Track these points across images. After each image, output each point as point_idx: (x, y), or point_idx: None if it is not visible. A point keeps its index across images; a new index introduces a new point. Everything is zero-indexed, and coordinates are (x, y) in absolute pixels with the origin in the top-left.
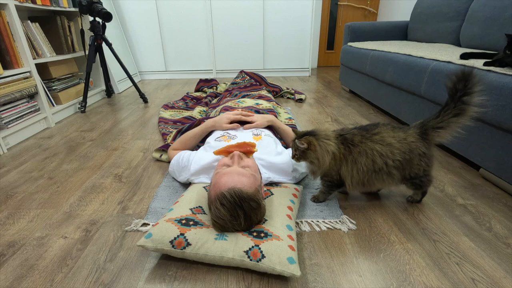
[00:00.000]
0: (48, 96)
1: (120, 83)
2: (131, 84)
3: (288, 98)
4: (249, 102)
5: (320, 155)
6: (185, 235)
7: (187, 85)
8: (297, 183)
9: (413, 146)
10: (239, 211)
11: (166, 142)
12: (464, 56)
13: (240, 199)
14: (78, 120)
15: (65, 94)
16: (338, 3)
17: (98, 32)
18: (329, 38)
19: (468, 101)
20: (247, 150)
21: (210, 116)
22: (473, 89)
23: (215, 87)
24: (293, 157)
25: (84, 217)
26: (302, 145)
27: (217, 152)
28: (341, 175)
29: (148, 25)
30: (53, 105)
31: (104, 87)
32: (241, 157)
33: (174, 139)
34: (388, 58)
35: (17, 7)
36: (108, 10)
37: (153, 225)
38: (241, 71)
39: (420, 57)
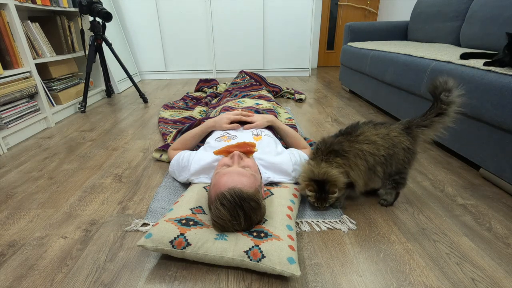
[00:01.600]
0: (48, 96)
1: (120, 83)
2: (131, 84)
3: (288, 98)
4: (249, 102)
5: (340, 179)
6: (185, 235)
7: (187, 85)
8: (297, 183)
9: (396, 141)
10: (239, 211)
11: (166, 142)
12: (464, 56)
13: (240, 199)
14: (78, 120)
15: (65, 94)
16: (338, 3)
17: (98, 32)
18: (329, 38)
19: (446, 99)
20: (247, 150)
21: (210, 116)
22: (451, 91)
23: (215, 87)
24: (325, 208)
25: (84, 217)
26: (335, 193)
27: (217, 152)
28: (352, 180)
29: (148, 25)
30: (53, 105)
31: (104, 87)
32: (241, 157)
33: (174, 139)
34: (388, 58)
35: (17, 7)
36: (108, 10)
37: (153, 225)
38: (241, 71)
39: (420, 57)
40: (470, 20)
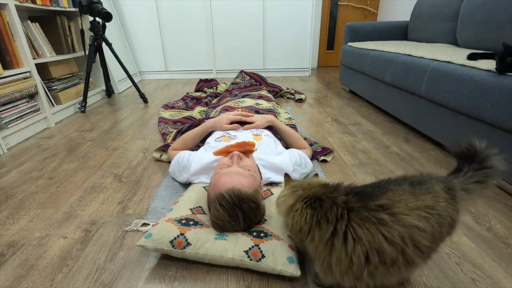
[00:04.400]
0: (48, 96)
1: (120, 83)
2: (131, 84)
3: (288, 98)
4: (249, 102)
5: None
6: (185, 235)
7: (187, 85)
8: None
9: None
10: (238, 212)
11: (166, 142)
12: (472, 57)
13: (239, 200)
14: (78, 120)
15: (65, 94)
16: (338, 3)
17: (98, 32)
18: (329, 38)
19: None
20: (247, 149)
21: (210, 116)
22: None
23: (215, 87)
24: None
25: (84, 217)
26: None
27: (217, 153)
28: None
29: (148, 25)
30: (53, 105)
31: (104, 87)
32: (241, 157)
33: (174, 139)
34: (388, 58)
35: (17, 7)
36: (108, 10)
37: (153, 225)
38: (241, 71)
39: (420, 57)
40: (463, 22)
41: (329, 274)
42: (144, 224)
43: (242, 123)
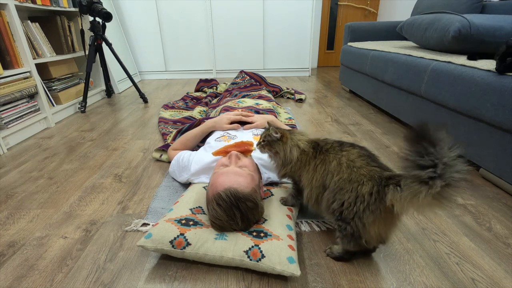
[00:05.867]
0: (48, 96)
1: (120, 83)
2: (131, 84)
3: (288, 98)
4: (249, 102)
5: (288, 149)
6: (185, 235)
7: (187, 85)
8: None
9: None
10: (235, 211)
11: (166, 142)
12: (472, 57)
13: (236, 199)
14: (78, 120)
15: (65, 94)
16: (338, 3)
17: (98, 32)
18: (329, 38)
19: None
20: (245, 149)
21: (210, 116)
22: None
23: (215, 87)
24: (258, 144)
25: (84, 217)
26: (276, 134)
27: (216, 153)
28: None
29: (148, 25)
30: (53, 105)
31: (104, 87)
32: (239, 157)
33: (174, 139)
34: (388, 58)
35: (17, 7)
36: (108, 10)
37: (153, 225)
38: (241, 71)
39: (420, 57)
40: None
41: (308, 188)
42: (144, 224)
43: (242, 123)
